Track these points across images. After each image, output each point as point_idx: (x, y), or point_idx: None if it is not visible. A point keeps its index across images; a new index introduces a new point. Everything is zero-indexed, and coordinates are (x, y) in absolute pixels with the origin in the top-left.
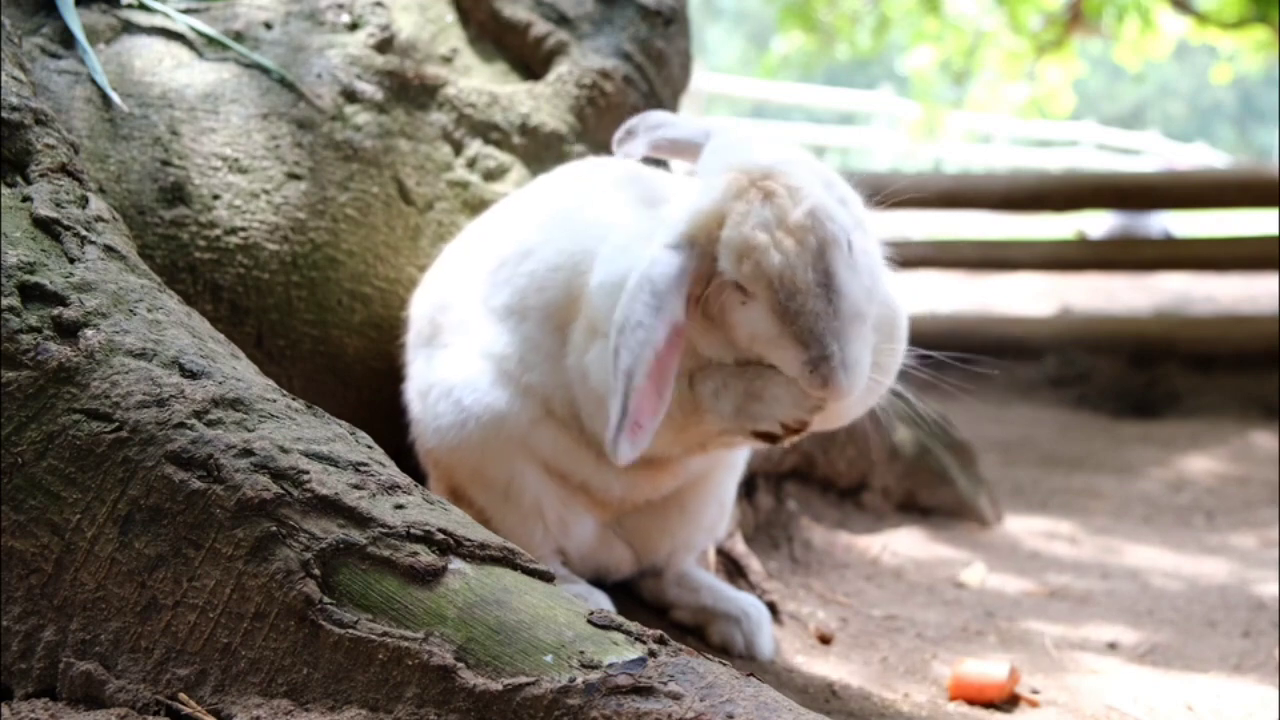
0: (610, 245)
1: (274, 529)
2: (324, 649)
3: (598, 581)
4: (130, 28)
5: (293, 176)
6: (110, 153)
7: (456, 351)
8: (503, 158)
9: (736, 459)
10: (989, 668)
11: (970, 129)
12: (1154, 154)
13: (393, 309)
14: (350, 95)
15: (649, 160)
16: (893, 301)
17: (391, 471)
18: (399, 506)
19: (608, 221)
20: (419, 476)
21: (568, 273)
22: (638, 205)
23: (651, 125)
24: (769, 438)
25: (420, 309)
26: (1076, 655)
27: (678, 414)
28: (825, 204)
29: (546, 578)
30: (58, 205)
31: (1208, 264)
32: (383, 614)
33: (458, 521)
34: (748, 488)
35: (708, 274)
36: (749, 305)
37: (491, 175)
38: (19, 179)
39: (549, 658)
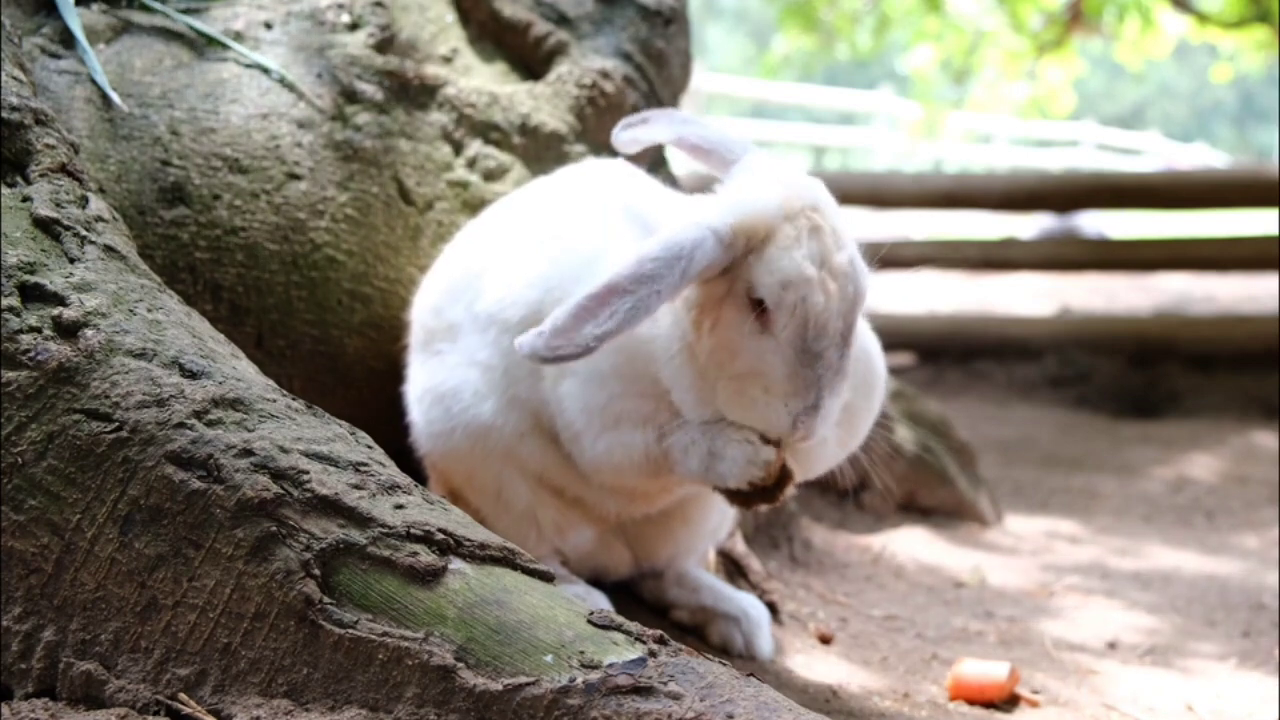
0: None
1: (274, 529)
2: (324, 649)
3: (596, 581)
4: (130, 28)
5: (293, 176)
6: (110, 153)
7: (447, 358)
8: (503, 158)
9: None
10: (989, 668)
11: (970, 129)
12: (1154, 154)
13: (393, 309)
14: (350, 95)
15: (639, 159)
16: (874, 359)
17: (391, 471)
18: (399, 506)
19: (590, 251)
20: (420, 477)
21: (540, 293)
22: (630, 239)
23: (679, 120)
24: (740, 498)
25: (417, 313)
26: (1076, 655)
27: (647, 465)
28: (859, 254)
29: (546, 578)
30: (58, 205)
31: (1208, 264)
32: (383, 614)
33: (458, 521)
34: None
35: (730, 280)
36: (764, 337)
37: (491, 175)
38: (19, 179)
39: (549, 658)
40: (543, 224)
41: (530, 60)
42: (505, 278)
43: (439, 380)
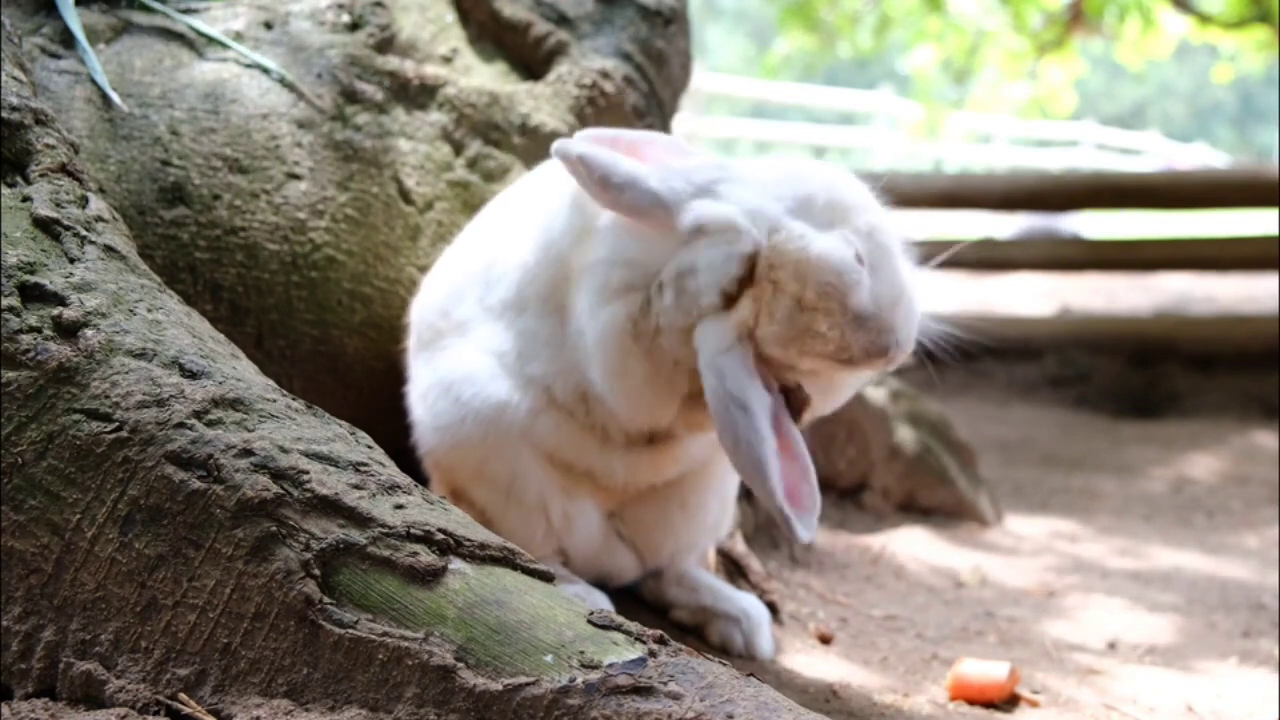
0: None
1: (274, 529)
2: (324, 649)
3: (599, 587)
4: (130, 28)
5: (293, 176)
6: (110, 153)
7: (455, 351)
8: (503, 158)
9: None
10: (989, 668)
11: (970, 129)
12: (1154, 154)
13: (393, 309)
14: (350, 95)
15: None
16: None
17: (391, 471)
18: (399, 506)
19: (591, 212)
20: (420, 477)
21: (560, 249)
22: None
23: (613, 177)
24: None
25: (419, 314)
26: (1076, 655)
27: (641, 321)
28: (858, 184)
29: (546, 578)
30: (58, 205)
31: (1208, 264)
32: (383, 614)
33: (458, 521)
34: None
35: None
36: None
37: (491, 175)
38: (19, 179)
39: (549, 658)
40: (542, 200)
41: (530, 60)
42: (517, 258)
43: (447, 370)
